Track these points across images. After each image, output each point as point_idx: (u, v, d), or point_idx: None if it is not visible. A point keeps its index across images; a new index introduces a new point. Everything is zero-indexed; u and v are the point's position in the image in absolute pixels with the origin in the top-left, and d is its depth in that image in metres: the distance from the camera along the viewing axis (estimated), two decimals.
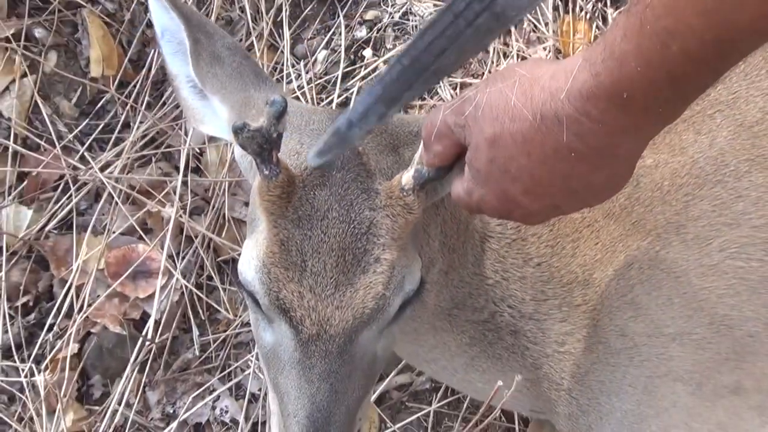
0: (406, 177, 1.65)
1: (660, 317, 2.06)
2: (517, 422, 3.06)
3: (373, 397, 3.06)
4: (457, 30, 1.32)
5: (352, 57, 3.36)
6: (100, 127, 3.41)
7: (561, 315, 2.12)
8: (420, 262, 1.76)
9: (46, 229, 3.30)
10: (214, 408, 3.16)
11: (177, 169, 3.32)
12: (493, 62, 3.34)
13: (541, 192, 1.48)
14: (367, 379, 1.75)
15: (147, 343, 3.15)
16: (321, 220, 1.65)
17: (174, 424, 3.12)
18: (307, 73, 3.39)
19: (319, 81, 3.41)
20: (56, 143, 3.32)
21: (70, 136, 3.37)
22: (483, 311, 2.12)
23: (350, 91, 3.37)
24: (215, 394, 3.16)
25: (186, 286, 3.20)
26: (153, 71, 3.38)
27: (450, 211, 1.98)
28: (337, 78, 3.40)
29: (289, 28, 3.42)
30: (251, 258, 1.69)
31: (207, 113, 2.00)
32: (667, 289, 2.05)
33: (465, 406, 3.12)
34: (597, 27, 3.36)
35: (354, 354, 1.68)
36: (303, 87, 3.34)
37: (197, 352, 3.21)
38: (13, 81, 3.36)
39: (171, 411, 3.18)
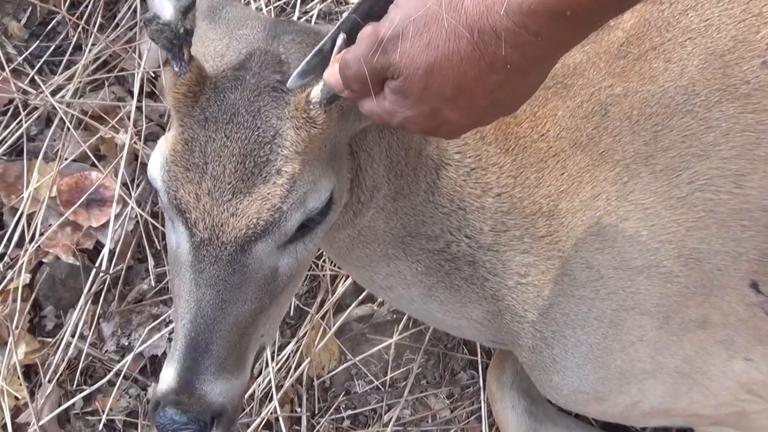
0: (315, 91, 1.61)
1: (627, 249, 2.03)
2: (479, 354, 3.02)
3: (333, 329, 3.01)
4: None
5: None
6: (51, 49, 3.32)
7: (523, 246, 2.08)
8: (333, 184, 1.74)
9: None
10: (170, 340, 3.10)
11: (131, 93, 3.25)
12: None
13: (470, 107, 1.47)
14: (263, 294, 1.72)
15: (101, 273, 3.09)
16: (226, 123, 1.63)
17: (129, 357, 3.06)
18: None
19: (278, 2, 3.32)
20: (5, 66, 3.23)
21: (20, 59, 3.28)
22: (438, 240, 2.08)
23: (310, 14, 3.29)
24: (172, 326, 3.10)
25: (141, 215, 3.13)
26: None
27: (397, 137, 1.94)
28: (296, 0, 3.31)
29: None
30: (158, 153, 1.68)
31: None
32: (635, 221, 2.02)
33: (427, 338, 3.08)
34: None
35: (246, 265, 1.67)
36: (261, 8, 3.25)
37: (153, 283, 3.15)
38: None
39: (126, 343, 3.12)
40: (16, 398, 3.02)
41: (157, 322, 3.11)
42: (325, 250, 2.18)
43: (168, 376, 1.68)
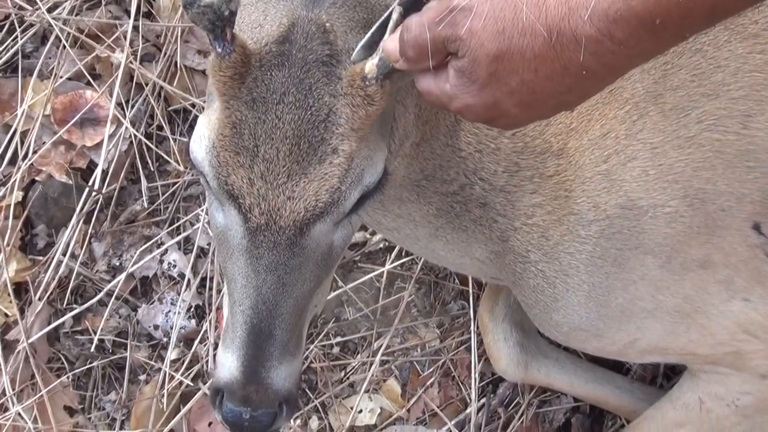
0: (370, 65, 1.53)
1: (634, 189, 2.02)
2: (470, 285, 3.03)
3: None
4: None
5: None
6: None
7: (532, 186, 2.06)
8: (385, 152, 1.68)
9: None
10: (161, 262, 3.11)
11: (127, 12, 3.21)
12: None
13: (534, 104, 1.42)
14: (320, 270, 1.69)
15: (93, 193, 3.07)
16: (276, 104, 1.55)
17: (121, 277, 3.06)
18: None
19: None
20: None
21: None
22: (453, 183, 2.06)
23: None
24: (163, 247, 3.10)
25: (135, 135, 3.11)
26: None
27: None
28: None
29: None
30: (202, 137, 1.60)
31: None
32: (643, 160, 2.01)
33: (419, 267, 3.09)
34: None
35: (305, 246, 1.62)
36: None
37: (145, 204, 3.14)
38: None
39: (117, 263, 3.12)
40: (6, 315, 3.02)
41: (149, 243, 3.11)
42: None
43: (231, 365, 1.66)
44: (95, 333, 3.05)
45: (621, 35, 1.25)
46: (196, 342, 3.05)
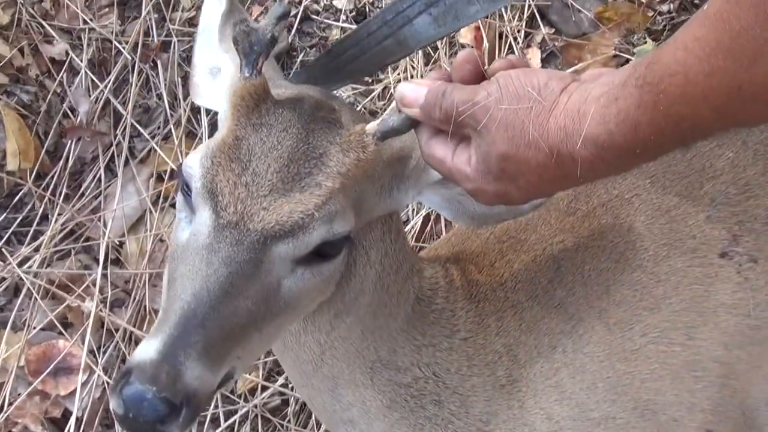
0: (371, 125, 1.69)
1: (585, 401, 2.04)
2: None
3: None
4: (368, 46, 1.95)
5: None
6: (18, 220, 3.38)
7: (485, 394, 2.06)
8: (353, 223, 1.72)
9: None
10: None
11: (97, 261, 3.29)
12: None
13: (537, 193, 1.58)
14: (262, 302, 1.65)
15: None
16: (280, 131, 1.68)
17: None
18: None
19: None
20: None
21: None
22: (407, 373, 2.04)
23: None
24: None
25: (108, 382, 3.14)
26: (70, 162, 3.36)
27: (395, 248, 1.94)
28: None
29: (207, 115, 3.42)
30: (202, 147, 1.71)
31: (210, 90, 2.03)
32: (591, 373, 2.04)
33: None
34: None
35: (262, 261, 1.63)
36: None
37: None
38: None
39: None
40: None
41: None
42: (289, 365, 2.12)
43: (150, 347, 1.55)
44: None
45: (610, 157, 1.39)
46: None
